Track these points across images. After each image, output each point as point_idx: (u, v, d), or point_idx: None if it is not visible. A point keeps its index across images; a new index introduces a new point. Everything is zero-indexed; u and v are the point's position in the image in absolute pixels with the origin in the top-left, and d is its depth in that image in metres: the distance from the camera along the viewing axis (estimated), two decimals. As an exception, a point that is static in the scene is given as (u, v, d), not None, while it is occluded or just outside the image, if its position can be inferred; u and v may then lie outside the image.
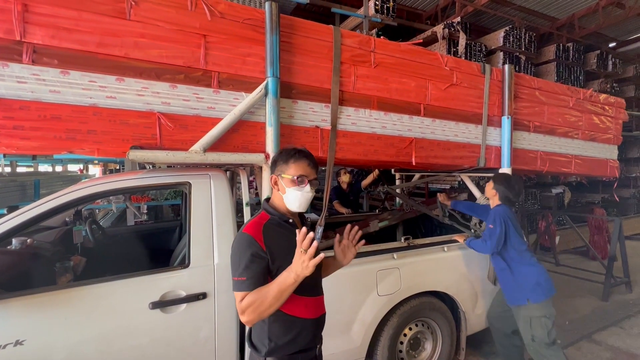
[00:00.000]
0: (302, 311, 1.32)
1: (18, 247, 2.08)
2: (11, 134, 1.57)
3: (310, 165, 1.35)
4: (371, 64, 2.38)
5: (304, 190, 1.32)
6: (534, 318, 2.30)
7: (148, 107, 1.80)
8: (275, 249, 1.26)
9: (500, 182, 2.55)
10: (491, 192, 2.59)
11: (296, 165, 1.32)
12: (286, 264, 1.20)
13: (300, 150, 1.37)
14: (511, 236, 2.40)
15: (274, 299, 1.16)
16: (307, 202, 1.34)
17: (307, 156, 1.36)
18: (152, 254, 2.68)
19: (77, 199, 1.75)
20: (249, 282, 1.20)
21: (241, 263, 1.21)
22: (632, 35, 9.39)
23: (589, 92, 3.61)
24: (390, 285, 2.32)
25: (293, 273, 1.14)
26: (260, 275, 1.22)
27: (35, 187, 5.78)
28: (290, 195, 1.32)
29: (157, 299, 1.72)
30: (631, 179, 8.93)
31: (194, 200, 1.92)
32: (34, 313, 1.54)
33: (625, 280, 4.57)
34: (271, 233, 1.28)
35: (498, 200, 2.55)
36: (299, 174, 1.31)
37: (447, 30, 5.76)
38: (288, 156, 1.34)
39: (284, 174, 1.33)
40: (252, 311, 1.17)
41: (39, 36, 1.59)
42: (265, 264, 1.23)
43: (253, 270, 1.21)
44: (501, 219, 2.40)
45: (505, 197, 2.52)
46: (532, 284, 2.32)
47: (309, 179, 1.33)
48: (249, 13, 2.00)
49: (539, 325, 2.29)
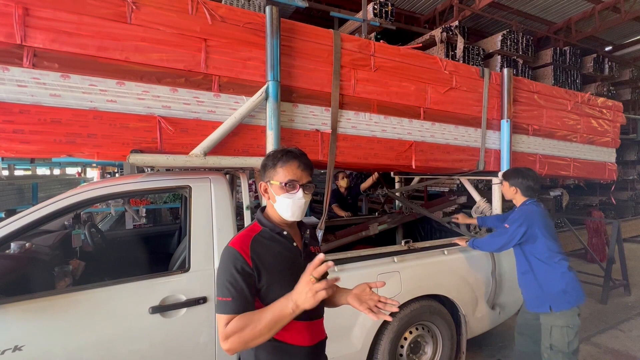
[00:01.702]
0: (294, 337, 1.15)
1: (17, 251, 2.07)
2: (11, 138, 1.57)
3: (300, 167, 1.18)
4: (371, 67, 2.39)
5: (296, 196, 1.16)
6: (555, 327, 2.15)
7: (148, 111, 1.80)
8: (264, 264, 1.11)
9: (514, 176, 2.40)
10: (511, 191, 2.40)
11: (284, 169, 1.17)
12: (275, 282, 1.10)
13: (288, 151, 1.20)
14: (538, 237, 2.21)
15: (266, 328, 0.99)
16: (300, 209, 1.18)
17: (296, 157, 1.19)
18: (151, 258, 2.67)
19: (77, 202, 1.74)
20: (233, 304, 1.04)
21: (225, 281, 1.07)
22: (628, 39, 9.48)
23: (587, 96, 3.64)
24: (390, 288, 2.32)
25: (292, 302, 0.97)
26: (247, 295, 1.06)
27: (33, 190, 5.76)
28: (280, 203, 1.17)
29: (157, 303, 1.71)
30: (629, 182, 8.98)
31: (194, 204, 1.92)
32: (33, 318, 1.52)
33: (624, 283, 4.58)
34: (260, 247, 1.14)
35: (522, 196, 2.37)
36: (288, 178, 1.16)
37: (445, 33, 5.80)
38: (275, 159, 1.19)
39: (272, 180, 1.18)
40: (237, 339, 0.99)
41: (40, 40, 1.59)
42: (252, 282, 1.08)
43: (237, 289, 1.05)
44: (522, 221, 2.22)
45: (528, 188, 2.34)
46: (557, 291, 2.15)
47: (301, 183, 1.17)
48: (249, 17, 2.01)
49: (560, 334, 2.13)
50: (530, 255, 2.27)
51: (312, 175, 1.25)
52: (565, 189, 7.37)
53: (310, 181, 1.21)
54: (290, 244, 1.22)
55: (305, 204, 1.20)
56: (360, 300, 1.15)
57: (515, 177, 2.38)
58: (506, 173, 2.52)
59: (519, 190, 2.37)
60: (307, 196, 1.19)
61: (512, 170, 2.52)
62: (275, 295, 1.08)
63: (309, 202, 1.22)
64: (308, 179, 1.20)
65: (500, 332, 3.36)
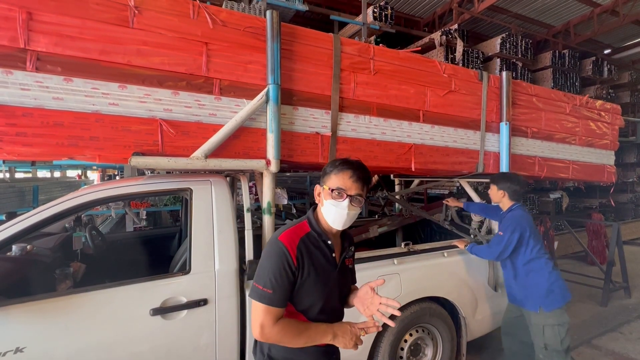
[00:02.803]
0: None
1: (18, 253, 2.08)
2: (14, 141, 1.58)
3: (353, 178, 1.20)
4: (371, 71, 2.41)
5: (341, 205, 1.18)
6: (547, 326, 2.22)
7: (150, 114, 1.81)
8: (304, 267, 1.18)
9: (502, 180, 2.49)
10: (499, 195, 2.50)
11: (337, 177, 1.21)
12: (306, 287, 1.17)
13: (346, 162, 1.23)
14: (529, 242, 2.31)
15: (302, 341, 1.13)
16: (342, 219, 1.20)
17: (351, 167, 1.21)
18: (152, 260, 2.67)
19: (79, 205, 1.75)
20: (275, 297, 1.12)
21: (269, 273, 1.14)
22: (627, 42, 9.53)
23: (585, 99, 3.66)
24: (390, 291, 2.32)
25: (332, 336, 1.13)
26: (287, 292, 1.15)
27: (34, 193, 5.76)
28: (326, 207, 1.22)
29: (158, 305, 1.72)
30: (628, 184, 8.98)
31: (195, 206, 1.93)
32: (34, 320, 1.53)
33: (624, 285, 4.58)
34: (306, 249, 1.19)
35: (509, 200, 2.47)
36: (337, 186, 1.19)
37: (445, 37, 5.83)
38: (332, 166, 1.24)
39: (325, 184, 1.23)
40: (275, 337, 1.12)
41: (43, 44, 1.60)
42: (293, 280, 1.16)
43: (280, 284, 1.13)
44: (515, 227, 2.30)
45: (514, 192, 2.44)
46: (544, 292, 2.23)
47: (349, 194, 1.19)
48: (250, 21, 2.03)
49: (552, 333, 2.20)
50: (516, 260, 2.37)
51: (367, 190, 1.27)
52: (565, 191, 7.38)
53: (360, 194, 1.21)
54: (330, 255, 1.26)
55: (350, 215, 1.21)
56: (364, 304, 1.23)
57: (504, 182, 2.48)
58: (494, 177, 2.60)
59: (507, 194, 2.47)
60: (353, 207, 1.20)
61: (500, 174, 2.62)
62: (303, 297, 1.19)
63: (356, 214, 1.23)
64: (358, 191, 1.21)
65: (500, 335, 3.35)
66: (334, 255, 1.27)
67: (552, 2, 7.42)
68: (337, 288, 1.29)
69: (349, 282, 1.39)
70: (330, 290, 1.25)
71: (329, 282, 1.24)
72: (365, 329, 1.15)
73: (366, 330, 1.14)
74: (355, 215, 1.23)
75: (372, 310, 1.19)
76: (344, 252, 1.33)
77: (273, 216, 2.11)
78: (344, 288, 1.35)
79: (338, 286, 1.29)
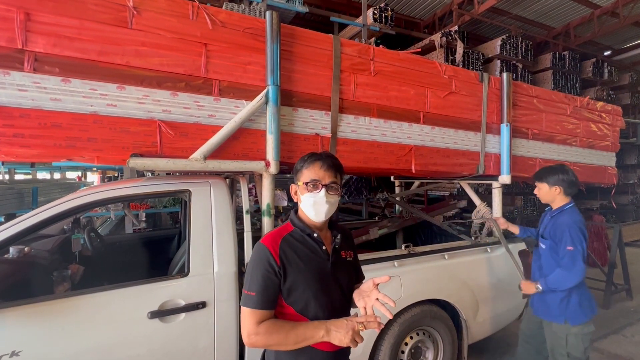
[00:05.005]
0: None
1: (15, 255, 2.06)
2: (11, 142, 1.57)
3: (323, 167, 1.21)
4: (371, 72, 2.40)
5: (318, 196, 1.19)
6: (571, 335, 2.07)
7: (149, 115, 1.80)
8: (291, 264, 1.16)
9: (550, 174, 2.15)
10: (552, 193, 2.15)
11: (308, 170, 1.22)
12: (300, 283, 1.14)
13: (313, 154, 1.26)
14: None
15: (292, 341, 1.08)
16: (323, 208, 1.20)
17: (320, 158, 1.23)
18: (150, 262, 2.66)
19: (77, 207, 1.74)
20: (257, 298, 1.11)
21: (252, 276, 1.14)
22: (627, 43, 9.54)
23: (586, 100, 3.65)
24: (391, 293, 2.29)
25: (325, 331, 1.06)
26: (272, 294, 1.13)
27: (33, 195, 5.76)
28: (304, 202, 1.22)
29: (156, 308, 1.70)
30: (629, 186, 8.97)
31: (194, 208, 1.92)
32: (31, 323, 1.51)
33: (626, 288, 4.56)
34: (289, 246, 1.19)
35: (565, 197, 2.13)
36: (311, 178, 1.20)
37: (445, 38, 5.83)
38: (302, 162, 1.25)
39: (298, 181, 1.24)
40: (262, 340, 1.08)
41: (41, 44, 1.59)
42: (276, 280, 1.14)
43: (264, 286, 1.12)
44: (582, 234, 1.99)
45: (570, 184, 2.11)
46: (574, 305, 2.07)
47: (324, 183, 1.20)
48: (250, 22, 2.02)
49: (576, 341, 2.05)
50: (550, 269, 2.13)
51: (342, 177, 1.28)
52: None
53: (335, 182, 1.22)
54: (319, 247, 1.24)
55: (330, 204, 1.21)
56: (361, 295, 1.19)
57: (553, 175, 2.14)
58: (538, 175, 2.25)
59: (562, 188, 2.13)
60: (331, 196, 1.21)
61: (544, 169, 2.24)
62: (297, 296, 1.16)
63: (336, 202, 1.24)
64: (333, 179, 1.22)
65: (501, 337, 3.33)
66: (324, 248, 1.24)
67: (552, 4, 7.43)
68: (335, 283, 1.23)
69: (350, 277, 1.32)
70: (327, 285, 1.20)
71: (323, 276, 1.20)
72: (365, 323, 1.06)
73: (366, 325, 1.05)
74: (335, 202, 1.23)
75: (365, 302, 1.15)
76: (333, 243, 1.29)
77: (273, 218, 2.10)
78: (344, 283, 1.27)
79: (336, 280, 1.24)
